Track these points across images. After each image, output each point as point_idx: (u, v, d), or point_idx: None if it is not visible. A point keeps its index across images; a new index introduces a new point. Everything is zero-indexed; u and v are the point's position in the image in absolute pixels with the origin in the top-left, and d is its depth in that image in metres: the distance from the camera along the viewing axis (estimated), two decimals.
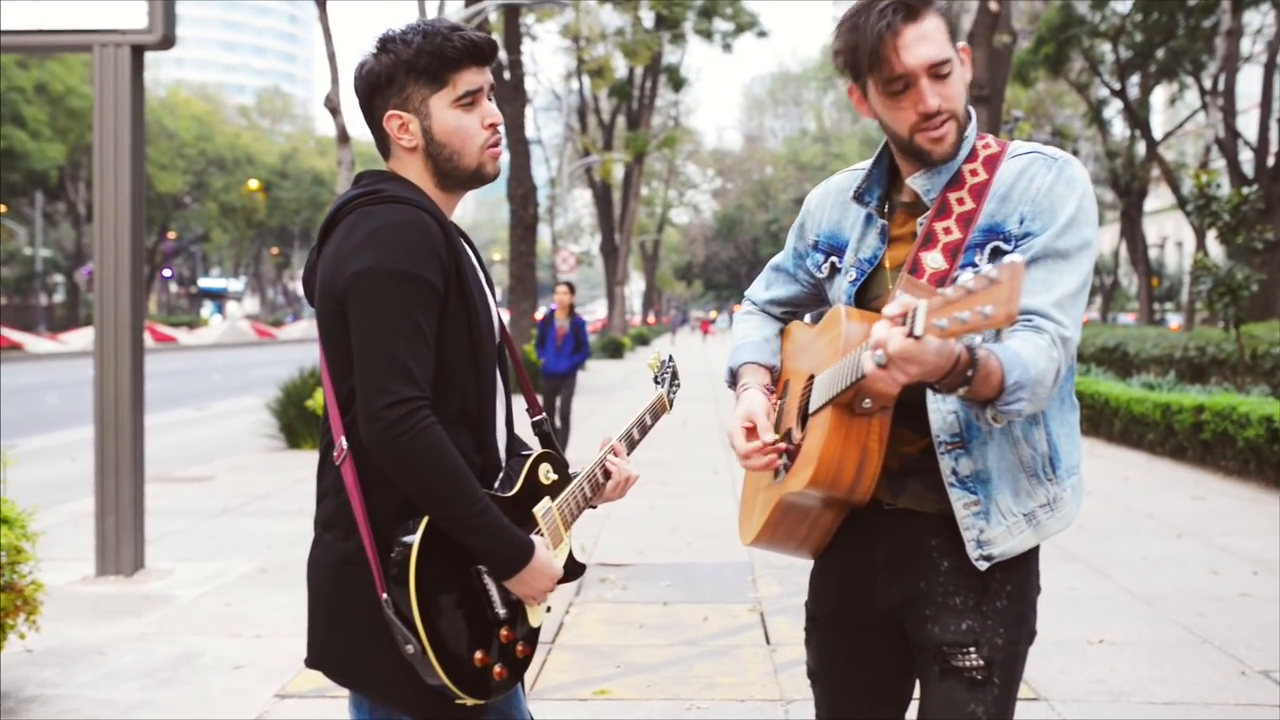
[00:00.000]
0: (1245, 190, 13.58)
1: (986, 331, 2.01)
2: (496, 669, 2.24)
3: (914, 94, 2.26)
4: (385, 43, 2.29)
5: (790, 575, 6.99)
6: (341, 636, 2.25)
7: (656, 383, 2.91)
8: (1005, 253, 2.24)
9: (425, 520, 2.17)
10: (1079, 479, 2.39)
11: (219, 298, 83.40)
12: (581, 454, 10.84)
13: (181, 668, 5.34)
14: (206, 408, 21.09)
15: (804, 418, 2.40)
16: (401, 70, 2.27)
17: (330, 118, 15.54)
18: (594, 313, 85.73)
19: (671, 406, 2.89)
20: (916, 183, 2.35)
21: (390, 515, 2.20)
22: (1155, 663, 5.41)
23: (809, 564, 2.58)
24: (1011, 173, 2.30)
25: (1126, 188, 38.55)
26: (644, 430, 2.71)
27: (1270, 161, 27.76)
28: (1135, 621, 6.11)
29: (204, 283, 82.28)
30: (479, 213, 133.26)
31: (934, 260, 2.28)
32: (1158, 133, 39.11)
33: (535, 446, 2.52)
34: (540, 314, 23.82)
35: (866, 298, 2.41)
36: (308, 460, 12.74)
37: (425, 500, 2.16)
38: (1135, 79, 35.98)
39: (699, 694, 4.98)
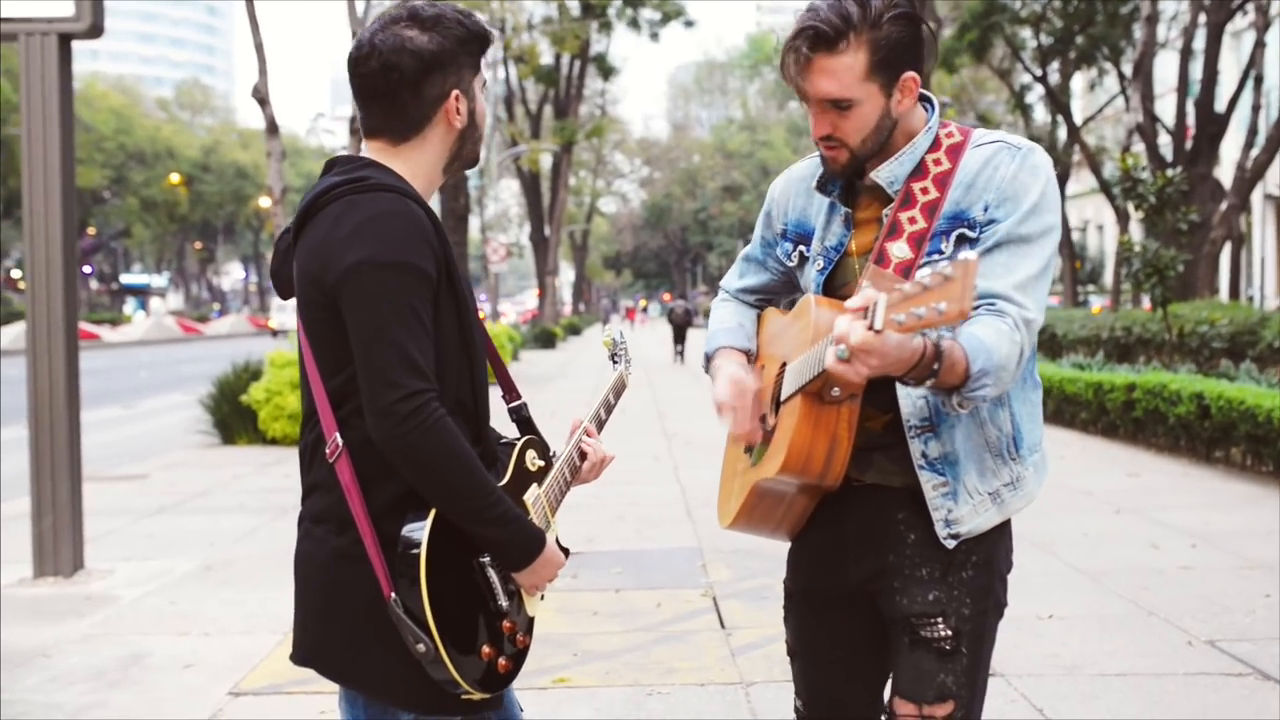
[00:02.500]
0: (1170, 173, 13.83)
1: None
2: (501, 661, 2.22)
3: (813, 112, 2.33)
4: (434, 21, 2.23)
5: (740, 560, 7.01)
6: (337, 632, 2.20)
7: (614, 361, 2.91)
8: (970, 240, 2.28)
9: (431, 516, 2.13)
10: (1041, 456, 2.45)
11: (142, 294, 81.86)
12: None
13: (130, 668, 5.23)
14: (135, 405, 20.69)
15: (777, 404, 2.43)
16: (460, 50, 2.24)
17: (254, 109, 15.30)
18: (524, 303, 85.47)
19: (628, 383, 2.89)
20: (880, 174, 2.37)
21: (388, 510, 2.16)
22: (1105, 636, 5.50)
23: (758, 548, 2.65)
24: (977, 161, 2.33)
25: None
26: (609, 410, 2.71)
27: (1188, 145, 28.30)
28: (1082, 596, 6.21)
29: (126, 279, 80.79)
30: None
31: (900, 250, 2.31)
32: (1078, 118, 39.71)
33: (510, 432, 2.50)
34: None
35: (834, 285, 2.44)
36: (244, 456, 12.56)
37: (440, 494, 2.12)
38: (1056, 65, 36.51)
39: (659, 679, 4.98)
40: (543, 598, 2.38)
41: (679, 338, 32.52)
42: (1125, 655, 5.21)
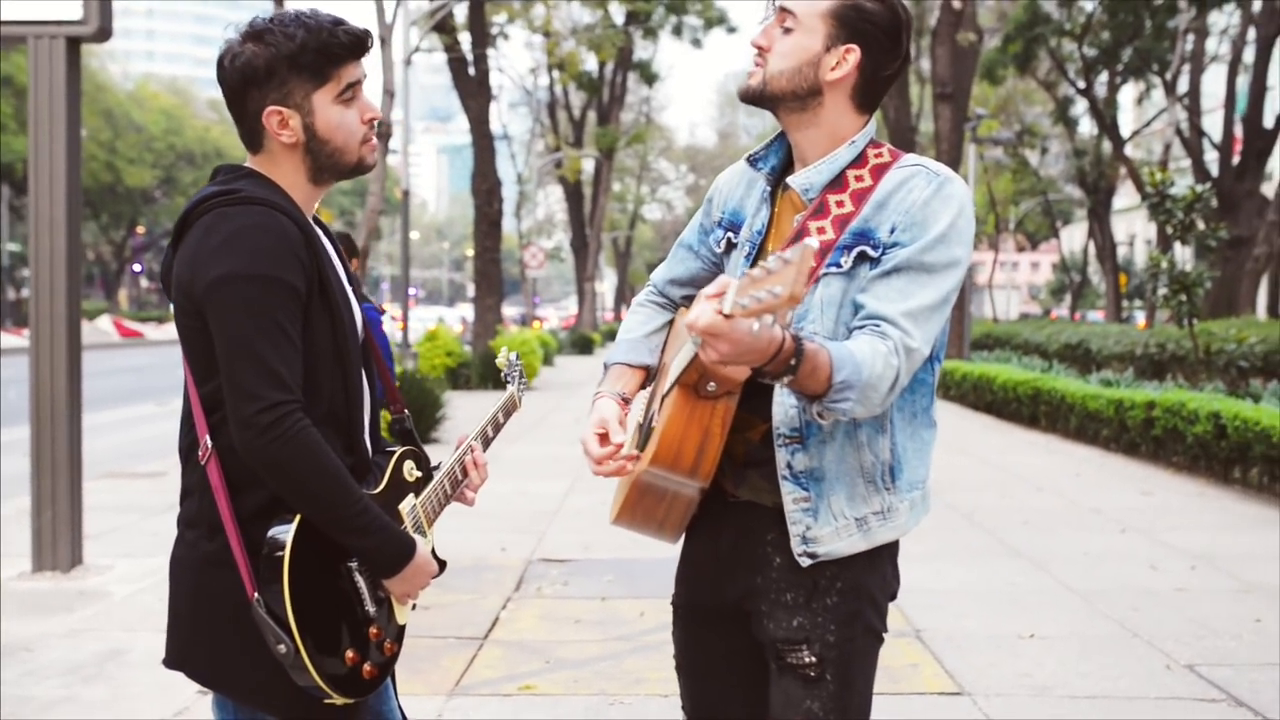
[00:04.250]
0: (1198, 188, 13.66)
1: (788, 313, 2.02)
2: (366, 667, 2.22)
3: None
4: (261, 33, 2.21)
5: None
6: (205, 637, 2.23)
7: (506, 381, 2.91)
8: (871, 259, 2.26)
9: (298, 518, 2.15)
10: (922, 495, 2.41)
11: None
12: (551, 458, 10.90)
13: (107, 664, 5.30)
14: (169, 403, 20.92)
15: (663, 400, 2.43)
16: (284, 64, 2.20)
17: None
18: (567, 309, 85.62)
19: (520, 404, 2.88)
20: (797, 180, 2.36)
21: (256, 515, 2.18)
22: (1083, 656, 5.44)
23: None
24: (893, 182, 2.31)
25: (1094, 186, 38.76)
26: (497, 428, 2.71)
27: (1235, 160, 27.94)
28: (1069, 616, 6.14)
29: None
30: (452, 208, 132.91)
31: None
32: (1125, 131, 39.31)
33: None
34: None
35: None
36: None
37: (304, 503, 2.14)
38: (1103, 78, 36.16)
39: (625, 689, 4.98)
40: (414, 607, 2.39)
41: None
42: (1099, 677, 5.15)
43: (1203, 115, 30.92)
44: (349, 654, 2.19)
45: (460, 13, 23.16)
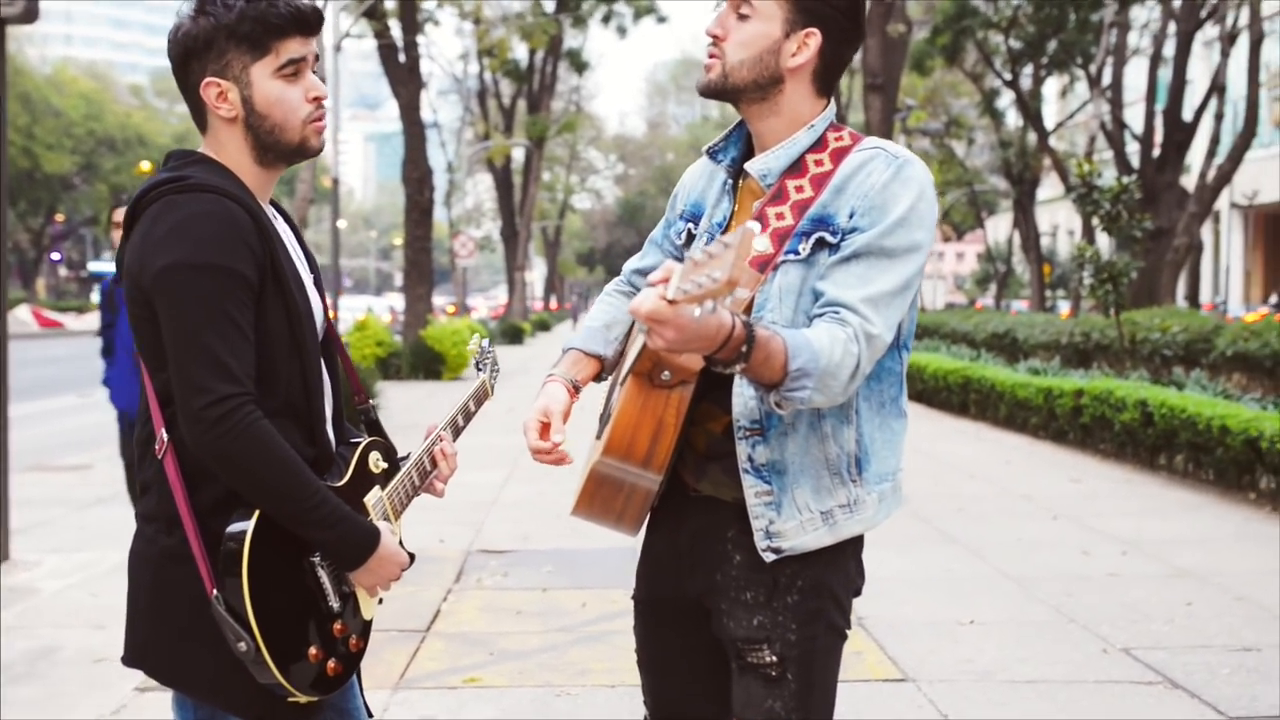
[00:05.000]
0: (1124, 180, 13.89)
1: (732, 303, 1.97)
2: (330, 664, 2.18)
3: None
4: (203, 4, 2.16)
5: None
6: (164, 634, 2.18)
7: (478, 369, 2.87)
8: (830, 245, 2.23)
9: (257, 512, 2.10)
10: (893, 486, 2.37)
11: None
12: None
13: (38, 662, 5.18)
14: (91, 395, 20.49)
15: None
16: (221, 35, 2.15)
17: None
18: (496, 299, 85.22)
19: (493, 392, 2.85)
20: (754, 165, 2.33)
21: (214, 508, 2.13)
22: (1022, 642, 5.51)
23: None
24: (851, 166, 2.27)
25: (1019, 177, 39.29)
26: (468, 417, 2.66)
27: (1155, 152, 28.46)
28: (1005, 601, 6.22)
29: (94, 266, 79.99)
30: (380, 196, 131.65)
31: (761, 244, 2.25)
32: (1049, 123, 39.86)
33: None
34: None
35: None
36: None
37: (260, 497, 2.09)
38: (1028, 70, 36.64)
39: (570, 680, 4.96)
40: (380, 601, 2.35)
41: None
42: (1039, 662, 5.22)
43: (1124, 108, 31.45)
44: (312, 651, 2.15)
45: None
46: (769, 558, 2.28)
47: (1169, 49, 29.46)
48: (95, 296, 74.32)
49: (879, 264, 2.20)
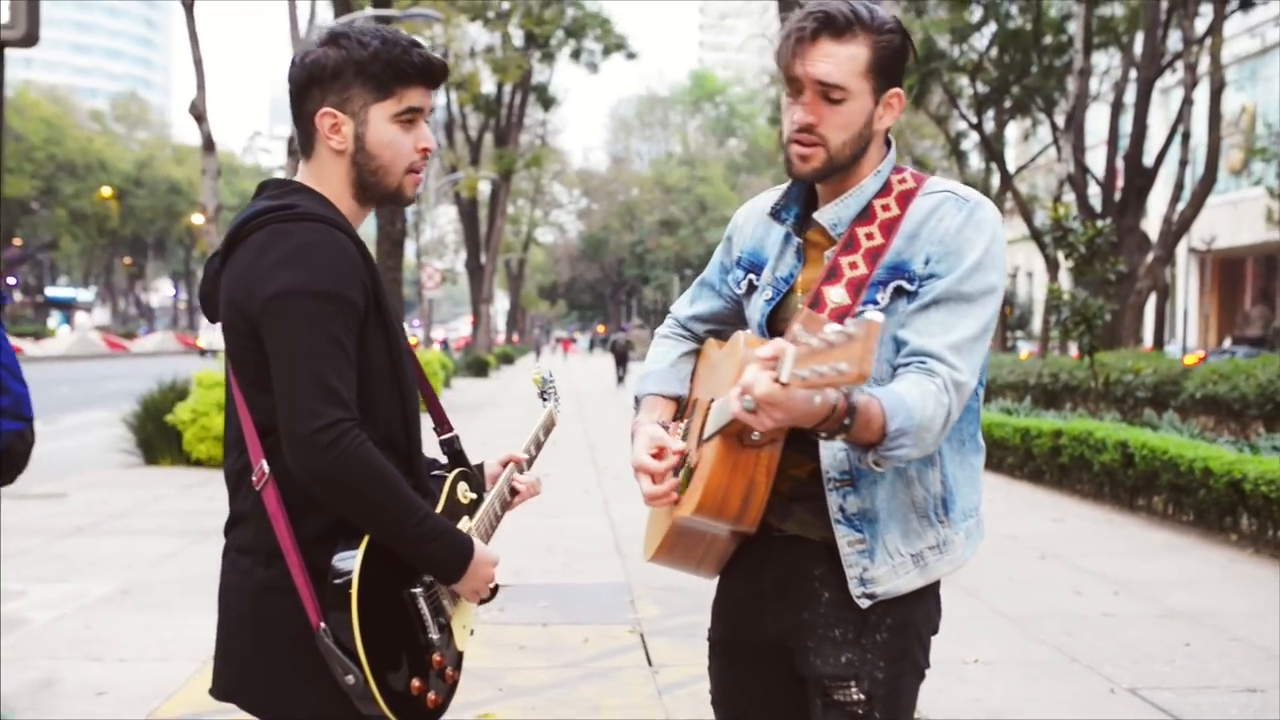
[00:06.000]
0: (1100, 224, 14.09)
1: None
2: (430, 695, 2.17)
3: (798, 102, 2.26)
4: (338, 37, 2.18)
5: (669, 596, 6.98)
6: (263, 667, 2.15)
7: (544, 399, 2.89)
8: (908, 292, 2.23)
9: (363, 545, 2.09)
10: (976, 522, 2.39)
11: (67, 307, 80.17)
12: None
13: (40, 694, 5.08)
14: (56, 421, 20.24)
15: (701, 442, 2.39)
16: (350, 69, 2.17)
17: (191, 124, 15.14)
18: (458, 330, 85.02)
19: (557, 422, 2.86)
20: (824, 215, 2.33)
21: (317, 540, 2.11)
22: (1028, 681, 5.53)
23: (686, 585, 2.59)
24: (922, 211, 2.28)
25: None
26: (539, 447, 2.69)
27: (1117, 196, 28.90)
28: (1006, 641, 6.25)
29: (51, 292, 79.19)
30: None
31: (837, 295, 2.26)
32: (1011, 166, 40.39)
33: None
34: None
35: (777, 318, 2.39)
36: (166, 477, 12.33)
37: (368, 519, 2.08)
38: (991, 114, 37.16)
39: (583, 715, 4.93)
40: (472, 632, 2.34)
41: (621, 365, 35.88)
42: (1049, 701, 5.24)
43: (1086, 152, 31.95)
44: (414, 682, 2.15)
45: None
46: (864, 604, 2.29)
47: (1129, 95, 29.97)
48: (52, 322, 73.65)
49: (958, 309, 2.21)
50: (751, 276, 2.47)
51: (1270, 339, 34.79)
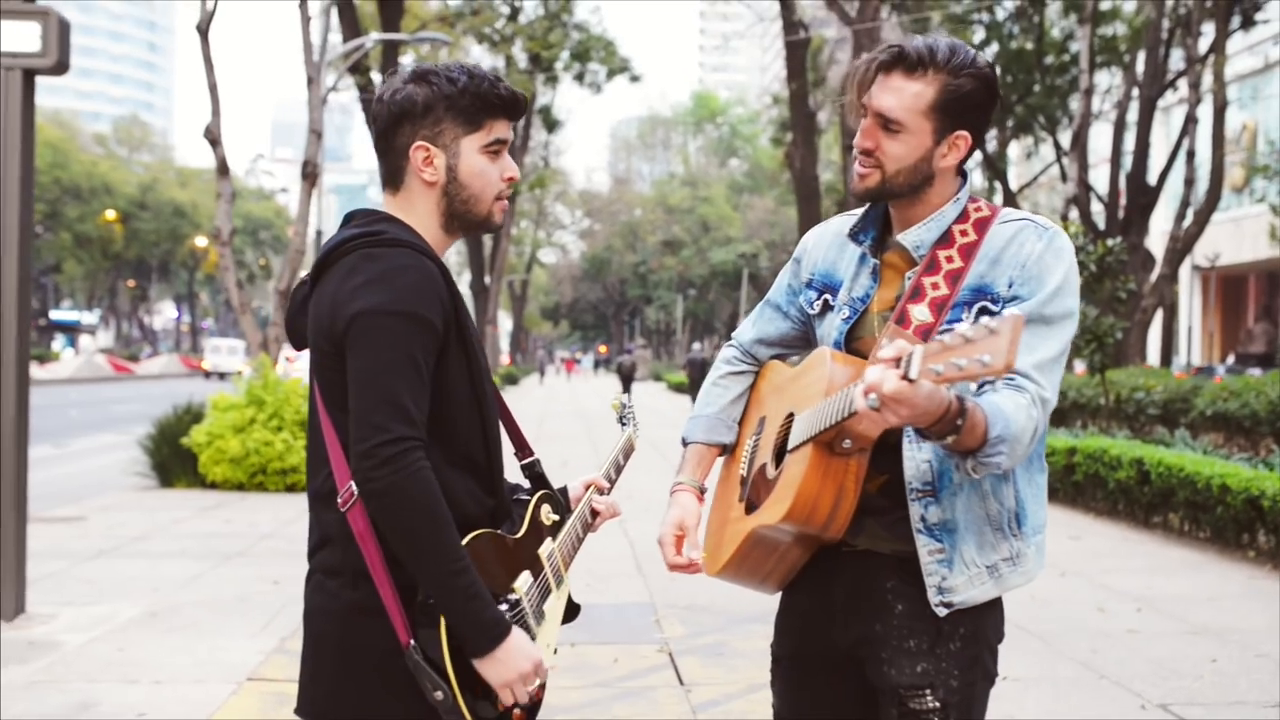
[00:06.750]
0: (1110, 243, 14.16)
1: (971, 383, 2.08)
2: (516, 712, 2.21)
3: (862, 126, 2.39)
4: (425, 74, 2.26)
5: (693, 616, 7.01)
6: (353, 687, 2.19)
7: (622, 423, 2.94)
8: (992, 313, 2.33)
9: None
10: (1043, 539, 2.47)
11: (71, 330, 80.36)
12: None
13: (80, 717, 5.11)
14: (66, 445, 20.32)
15: (779, 454, 2.46)
16: (441, 104, 2.24)
17: (193, 148, 15.27)
18: None
19: (636, 446, 2.91)
20: (907, 238, 2.43)
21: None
22: (1059, 697, 5.57)
23: (711, 605, 2.64)
24: (1002, 238, 2.38)
25: None
26: (619, 469, 2.74)
27: (1120, 215, 29.00)
28: (1033, 658, 6.28)
29: (55, 315, 79.29)
30: None
31: (921, 313, 2.35)
32: (1014, 184, 40.53)
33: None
34: None
35: (852, 337, 2.48)
36: (183, 500, 12.36)
37: (406, 545, 2.08)
38: (993, 132, 37.32)
39: None
40: (555, 650, 2.37)
41: (626, 386, 36.35)
42: (1081, 717, 5.28)
43: (1089, 170, 32.06)
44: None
45: (373, 52, 23.07)
46: (941, 612, 2.36)
47: (1132, 113, 30.10)
48: (57, 345, 73.73)
49: (1041, 331, 2.30)
50: (827, 297, 2.56)
51: (1273, 355, 34.86)
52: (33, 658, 6.04)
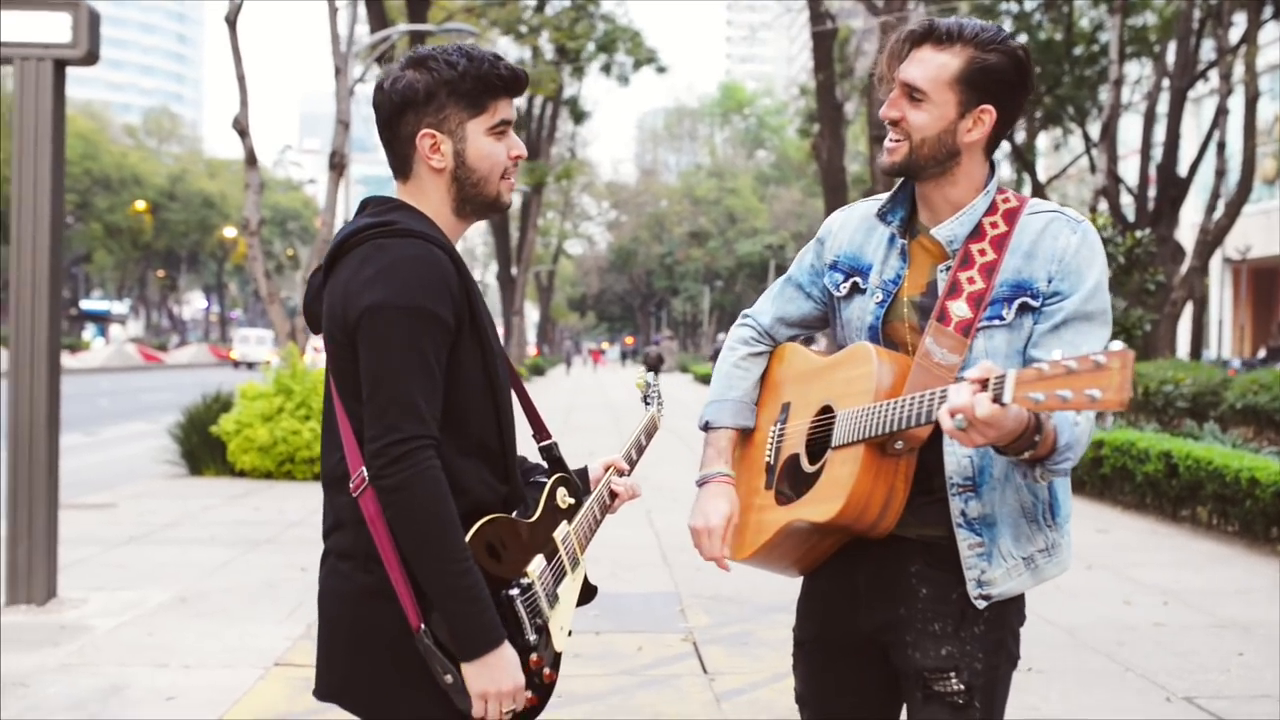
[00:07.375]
0: (1139, 234, 14.07)
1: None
2: (528, 695, 2.23)
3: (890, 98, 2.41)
4: (424, 60, 2.26)
5: (718, 606, 7.02)
6: (365, 669, 2.22)
7: (646, 403, 2.95)
8: (1033, 309, 2.34)
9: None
10: (1070, 527, 2.48)
11: (102, 320, 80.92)
12: None
13: (111, 699, 5.18)
14: (97, 433, 20.50)
15: (814, 448, 2.46)
16: (443, 90, 2.24)
17: (223, 139, 15.35)
18: None
19: (660, 425, 2.92)
20: (940, 233, 2.43)
21: None
22: (1084, 689, 5.56)
23: (736, 595, 2.66)
24: (1034, 230, 2.38)
25: None
26: (640, 450, 2.75)
27: (1149, 207, 28.79)
28: (1059, 650, 6.26)
29: (86, 304, 79.89)
30: None
31: (960, 309, 2.36)
32: (1042, 176, 40.29)
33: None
34: None
35: (883, 323, 2.48)
36: (212, 488, 12.46)
37: (411, 542, 2.12)
38: (1022, 123, 37.10)
39: None
40: (569, 633, 2.39)
41: (654, 375, 35.02)
42: (1104, 710, 5.26)
43: (1119, 162, 31.84)
44: None
45: (400, 43, 23.10)
46: (980, 604, 2.38)
47: (1162, 105, 29.86)
48: (87, 334, 74.31)
49: (1084, 329, 2.32)
50: (856, 279, 2.55)
51: None
52: (64, 641, 6.12)
